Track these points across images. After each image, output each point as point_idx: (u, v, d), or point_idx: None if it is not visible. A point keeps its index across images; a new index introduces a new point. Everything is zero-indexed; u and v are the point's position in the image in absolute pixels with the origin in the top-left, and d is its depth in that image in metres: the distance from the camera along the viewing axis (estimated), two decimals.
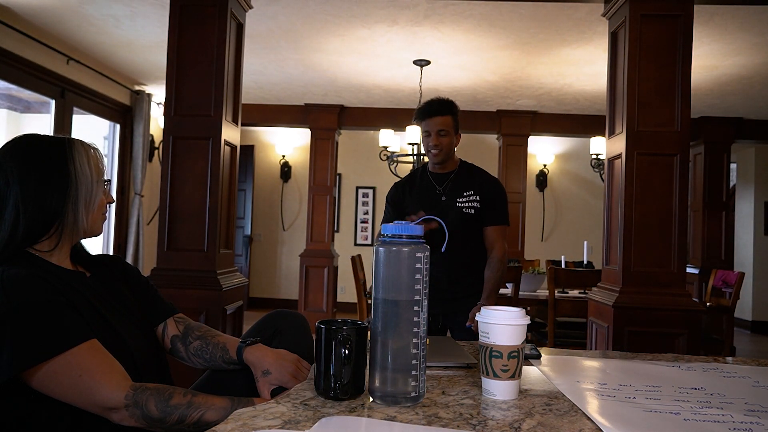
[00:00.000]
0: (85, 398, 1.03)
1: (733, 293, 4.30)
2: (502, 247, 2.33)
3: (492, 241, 2.33)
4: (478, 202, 2.32)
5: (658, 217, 2.76)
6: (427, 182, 2.41)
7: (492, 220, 2.34)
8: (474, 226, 2.33)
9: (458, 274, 2.33)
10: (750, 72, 4.64)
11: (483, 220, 2.33)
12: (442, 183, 2.38)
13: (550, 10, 3.56)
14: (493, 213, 2.34)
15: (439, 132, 2.31)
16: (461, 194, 2.34)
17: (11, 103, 5.44)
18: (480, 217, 2.33)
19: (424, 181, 2.43)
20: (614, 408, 0.95)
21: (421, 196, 2.38)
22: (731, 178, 6.77)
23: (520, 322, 0.98)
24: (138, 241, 5.67)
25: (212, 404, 1.07)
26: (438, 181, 2.39)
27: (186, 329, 1.33)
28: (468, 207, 2.32)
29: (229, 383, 1.27)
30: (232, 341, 1.29)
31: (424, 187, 2.41)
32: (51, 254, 1.18)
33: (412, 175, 2.51)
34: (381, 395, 0.91)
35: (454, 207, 2.32)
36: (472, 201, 2.32)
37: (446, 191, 2.36)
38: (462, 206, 2.32)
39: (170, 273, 2.90)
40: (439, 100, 2.34)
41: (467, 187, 2.35)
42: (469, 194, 2.33)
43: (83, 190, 1.18)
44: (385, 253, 0.92)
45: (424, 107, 2.34)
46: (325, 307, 6.34)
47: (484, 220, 2.34)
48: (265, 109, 6.40)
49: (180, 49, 2.93)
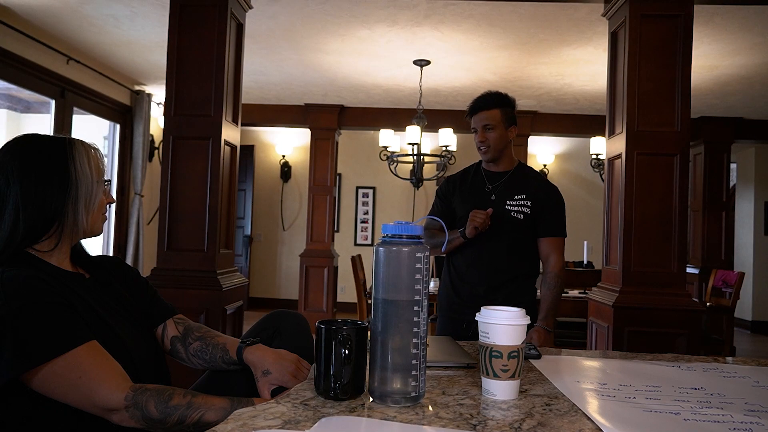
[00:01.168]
0: (85, 399, 1.03)
1: (733, 293, 4.30)
2: (559, 262, 2.17)
3: (546, 253, 2.18)
4: (529, 208, 2.16)
5: (658, 217, 2.76)
6: (479, 179, 2.27)
7: (546, 231, 2.18)
8: (523, 233, 2.17)
9: (498, 280, 2.17)
10: (750, 72, 4.63)
11: (536, 229, 2.18)
12: (494, 182, 2.23)
13: (550, 10, 3.56)
14: (548, 223, 2.18)
15: (485, 127, 2.17)
16: (512, 197, 2.18)
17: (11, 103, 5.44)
18: (531, 225, 2.17)
19: (477, 177, 2.29)
20: (614, 408, 0.95)
21: (471, 193, 2.24)
22: (731, 178, 6.77)
23: (520, 322, 0.98)
24: (138, 241, 5.67)
25: (212, 405, 1.07)
26: (490, 180, 2.24)
27: (186, 330, 1.33)
28: (517, 211, 2.16)
29: (228, 384, 1.27)
30: (231, 342, 1.29)
31: (474, 184, 2.27)
32: (50, 255, 1.17)
33: (466, 171, 2.36)
34: (381, 395, 0.91)
35: (501, 208, 2.17)
36: (523, 206, 2.16)
37: (497, 191, 2.21)
38: (510, 209, 2.16)
39: (170, 273, 2.90)
40: (487, 94, 2.21)
41: (520, 190, 2.19)
42: (520, 198, 2.17)
43: (83, 190, 1.18)
44: (385, 253, 0.92)
45: (471, 103, 2.22)
46: (325, 307, 6.34)
47: (538, 229, 2.18)
48: (265, 109, 6.40)
49: (180, 49, 2.93)
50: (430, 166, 7.15)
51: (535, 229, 2.18)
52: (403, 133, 4.86)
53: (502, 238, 2.16)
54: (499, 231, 2.14)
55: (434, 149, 6.29)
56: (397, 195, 7.80)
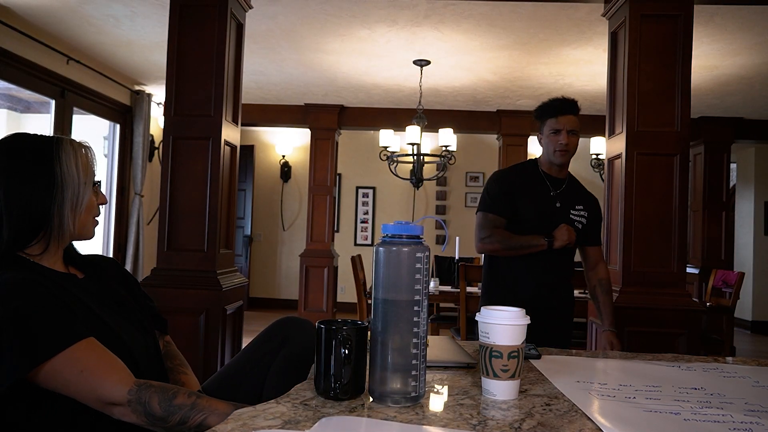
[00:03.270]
0: (87, 393, 1.03)
1: (733, 293, 4.30)
2: (606, 268, 2.34)
3: (596, 261, 2.33)
4: (586, 219, 2.26)
5: (658, 217, 2.76)
6: (541, 181, 2.26)
7: (595, 240, 2.33)
8: (578, 240, 2.27)
9: (559, 284, 2.28)
10: (750, 72, 4.63)
11: (587, 238, 2.30)
12: (556, 188, 2.26)
13: (550, 10, 3.56)
14: (595, 232, 2.33)
15: (570, 131, 2.18)
16: (574, 206, 2.26)
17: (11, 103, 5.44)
18: (584, 234, 2.27)
19: (537, 180, 2.27)
20: (614, 408, 0.95)
21: (536, 197, 2.24)
22: (731, 178, 6.77)
23: (520, 322, 0.98)
24: (138, 241, 5.67)
25: (215, 409, 1.05)
26: (553, 186, 2.26)
27: (164, 354, 1.35)
28: (578, 221, 2.25)
29: (236, 387, 1.27)
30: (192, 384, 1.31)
31: (538, 186, 2.26)
32: (41, 258, 1.16)
33: (522, 169, 2.34)
34: (381, 395, 0.91)
35: (567, 217, 2.23)
36: (582, 216, 2.26)
37: (560, 198, 2.25)
38: (574, 218, 2.24)
39: (170, 273, 2.90)
40: (572, 100, 2.23)
41: (579, 200, 2.28)
42: (581, 208, 2.26)
43: (69, 191, 1.14)
44: (385, 253, 0.92)
45: (556, 104, 2.22)
46: (325, 307, 6.34)
47: (588, 238, 2.31)
48: (265, 109, 6.39)
49: (180, 49, 2.93)
50: (430, 166, 7.15)
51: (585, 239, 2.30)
52: (403, 133, 4.86)
53: (567, 248, 2.23)
54: None
55: (434, 149, 6.29)
56: (397, 195, 7.80)
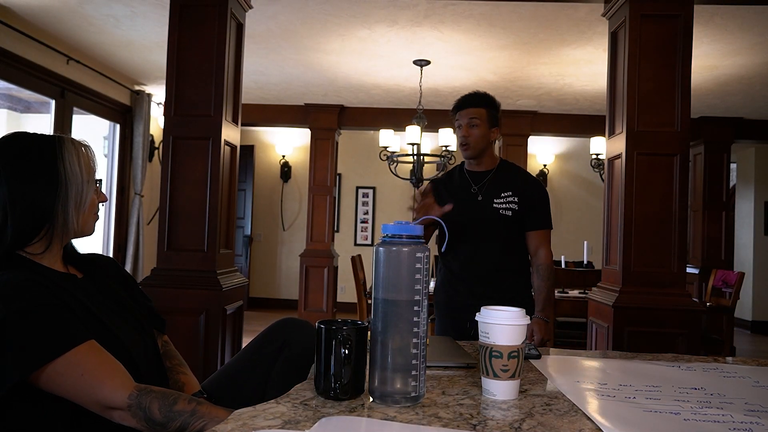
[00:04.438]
0: (87, 396, 1.03)
1: (733, 293, 4.30)
2: (548, 253, 2.20)
3: (535, 246, 2.21)
4: (517, 204, 2.18)
5: (658, 217, 2.76)
6: (464, 181, 2.28)
7: (534, 224, 2.21)
8: (513, 228, 2.20)
9: (496, 278, 2.20)
10: (750, 72, 4.63)
11: (524, 224, 2.20)
12: (478, 182, 2.24)
13: (550, 10, 3.56)
14: (535, 216, 2.21)
15: (469, 123, 2.18)
16: (498, 195, 2.20)
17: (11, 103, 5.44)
18: (520, 221, 2.19)
19: (461, 179, 2.30)
20: (614, 408, 0.95)
21: (457, 195, 2.23)
22: (731, 178, 6.77)
23: (520, 322, 0.98)
24: (138, 241, 5.67)
25: (216, 416, 1.05)
26: (474, 180, 2.25)
27: (163, 354, 1.35)
28: (505, 209, 2.18)
29: (238, 390, 1.27)
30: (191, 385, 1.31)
31: (460, 185, 2.28)
32: (42, 257, 1.16)
33: (450, 173, 2.37)
34: (381, 395, 0.91)
35: (490, 208, 2.19)
36: (510, 203, 2.18)
37: (482, 191, 2.22)
38: (498, 207, 2.18)
39: (170, 273, 2.90)
40: (474, 93, 2.24)
41: (505, 187, 2.21)
42: (507, 195, 2.19)
43: (73, 190, 1.16)
44: (385, 253, 0.92)
45: (457, 100, 2.24)
46: (325, 307, 6.34)
47: (526, 224, 2.20)
48: (265, 109, 6.40)
49: (180, 49, 2.93)
50: (430, 166, 7.14)
51: (523, 225, 2.21)
52: (403, 133, 4.86)
53: (494, 237, 2.18)
54: (490, 230, 2.18)
55: (434, 149, 6.28)
56: (397, 195, 7.80)
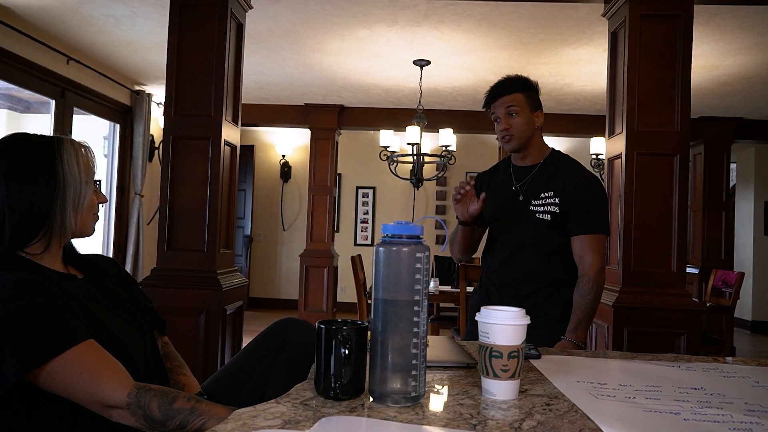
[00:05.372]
0: (86, 395, 1.03)
1: (733, 293, 4.30)
2: (594, 264, 1.81)
3: (580, 254, 1.84)
4: (558, 206, 1.85)
5: (658, 217, 2.76)
6: (507, 177, 1.98)
7: (577, 228, 1.84)
8: (552, 234, 1.87)
9: (528, 289, 1.88)
10: (750, 72, 4.63)
11: (568, 227, 1.86)
12: (521, 179, 1.94)
13: (550, 10, 3.56)
14: (580, 219, 1.84)
15: (508, 112, 1.88)
16: (538, 195, 1.89)
17: (11, 103, 5.45)
18: (561, 225, 1.86)
19: (505, 175, 2.00)
20: (614, 408, 0.95)
21: (496, 193, 1.96)
22: (731, 178, 6.77)
23: (520, 322, 0.98)
24: (138, 241, 5.67)
25: (215, 414, 1.05)
26: (518, 177, 1.95)
27: (163, 355, 1.34)
28: (543, 212, 1.86)
29: (238, 390, 1.27)
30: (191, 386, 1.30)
31: (502, 181, 1.99)
32: (41, 257, 1.16)
33: (496, 167, 2.08)
34: (381, 395, 0.91)
35: (527, 210, 1.88)
36: (549, 204, 1.86)
37: (523, 190, 1.92)
38: (535, 210, 1.87)
39: (170, 273, 2.90)
40: (506, 78, 1.92)
41: (547, 186, 1.89)
42: (547, 196, 1.87)
43: (72, 190, 1.16)
44: (385, 253, 0.92)
45: (488, 91, 1.93)
46: (325, 307, 6.34)
47: (570, 227, 1.86)
48: (265, 109, 6.40)
49: (180, 49, 2.93)
50: (430, 166, 7.15)
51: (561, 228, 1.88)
52: (403, 133, 4.86)
53: (532, 243, 1.89)
54: (527, 236, 1.89)
55: (434, 149, 6.29)
56: (397, 195, 7.80)
